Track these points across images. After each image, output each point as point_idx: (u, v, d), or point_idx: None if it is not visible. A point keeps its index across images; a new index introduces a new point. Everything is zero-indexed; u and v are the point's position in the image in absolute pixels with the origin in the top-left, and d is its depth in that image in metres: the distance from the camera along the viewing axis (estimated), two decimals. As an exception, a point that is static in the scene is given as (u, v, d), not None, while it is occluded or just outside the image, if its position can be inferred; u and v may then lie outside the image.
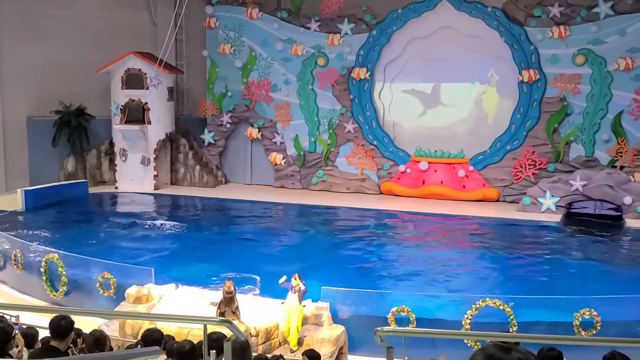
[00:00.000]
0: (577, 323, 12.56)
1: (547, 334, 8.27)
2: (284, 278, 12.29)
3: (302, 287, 12.06)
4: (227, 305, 11.70)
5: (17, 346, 6.54)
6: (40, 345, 6.48)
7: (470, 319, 12.66)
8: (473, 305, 12.72)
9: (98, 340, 5.51)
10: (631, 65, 22.18)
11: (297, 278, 12.09)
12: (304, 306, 12.18)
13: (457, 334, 8.58)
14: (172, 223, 21.82)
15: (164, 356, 6.52)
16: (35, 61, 24.86)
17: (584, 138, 23.00)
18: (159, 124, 25.60)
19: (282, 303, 12.21)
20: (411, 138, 25.26)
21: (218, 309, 11.63)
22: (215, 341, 5.11)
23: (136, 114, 25.30)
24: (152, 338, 5.95)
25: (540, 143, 23.40)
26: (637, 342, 5.62)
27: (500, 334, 5.31)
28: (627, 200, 21.25)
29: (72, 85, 25.18)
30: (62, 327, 5.40)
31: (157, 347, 3.70)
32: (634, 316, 12.67)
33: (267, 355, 9.71)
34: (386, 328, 5.01)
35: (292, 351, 11.68)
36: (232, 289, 11.75)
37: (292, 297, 11.98)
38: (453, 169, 24.33)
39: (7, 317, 8.50)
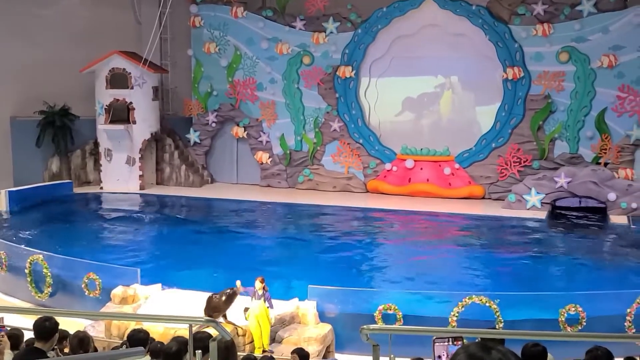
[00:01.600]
0: (563, 319, 12.65)
1: (532, 330, 8.30)
2: (239, 283, 12.05)
3: (267, 294, 11.86)
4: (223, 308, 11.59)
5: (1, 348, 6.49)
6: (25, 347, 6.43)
7: (456, 316, 12.71)
8: (459, 303, 12.76)
9: (82, 341, 5.47)
10: (614, 63, 22.34)
11: (262, 281, 11.90)
12: (268, 307, 11.95)
13: (443, 332, 8.58)
14: (158, 223, 21.75)
15: (149, 357, 6.50)
16: (18, 61, 24.64)
17: (568, 135, 23.14)
18: (144, 124, 25.46)
19: (246, 310, 11.97)
20: (397, 136, 25.29)
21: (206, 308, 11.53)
22: (199, 341, 5.09)
23: (121, 114, 25.15)
24: (138, 338, 5.93)
25: (525, 140, 23.52)
26: (618, 338, 5.66)
27: (485, 330, 5.34)
28: (612, 196, 21.41)
29: (56, 85, 24.97)
30: (46, 328, 5.36)
31: (142, 348, 3.67)
32: (619, 311, 12.77)
33: (254, 354, 9.70)
34: (372, 326, 5.03)
35: (265, 351, 11.60)
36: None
37: (255, 303, 11.82)
38: (439, 166, 24.40)
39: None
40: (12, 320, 9.94)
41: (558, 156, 23.22)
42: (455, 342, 2.74)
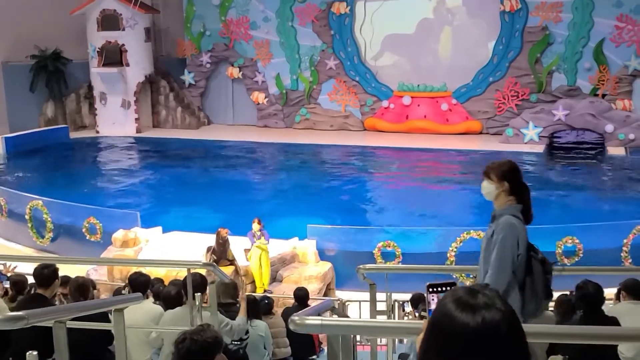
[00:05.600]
0: (560, 251, 12.80)
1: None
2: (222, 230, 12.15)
3: (264, 231, 12.01)
4: (221, 254, 11.72)
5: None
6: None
7: (455, 251, 12.87)
8: (457, 238, 12.91)
9: (81, 287, 5.53)
10: (613, -8, 21.97)
11: (259, 222, 12.03)
12: (267, 243, 12.11)
13: (438, 269, 8.71)
14: (155, 166, 21.76)
15: (151, 299, 6.59)
16: (6, 3, 24.13)
17: (566, 67, 22.92)
18: (138, 66, 25.16)
19: (246, 251, 12.15)
20: (394, 73, 25.05)
21: (210, 257, 11.64)
22: (194, 282, 5.16)
23: (114, 56, 24.85)
24: (139, 282, 6.00)
25: (523, 74, 23.31)
26: (611, 271, 5.73)
27: (475, 267, 5.39)
28: (609, 128, 21.38)
29: (47, 28, 24.54)
30: (44, 275, 5.42)
31: (140, 294, 3.72)
32: (615, 243, 12.92)
33: (254, 294, 9.84)
34: (368, 266, 5.09)
35: (266, 291, 11.78)
36: (227, 237, 11.76)
37: (257, 242, 11.97)
38: (436, 102, 24.25)
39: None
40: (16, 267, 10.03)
41: (556, 89, 23.05)
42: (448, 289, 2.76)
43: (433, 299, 2.64)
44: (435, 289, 2.66)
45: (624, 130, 21.34)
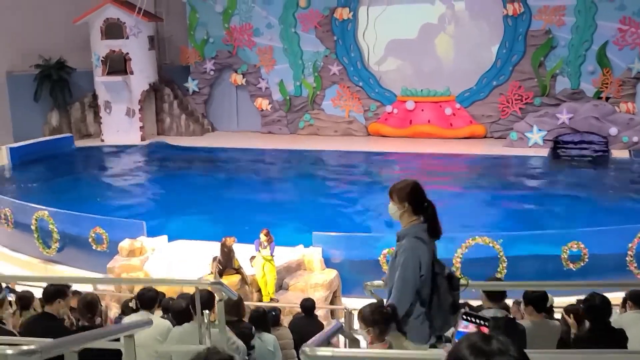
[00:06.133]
0: (565, 256, 12.78)
1: (534, 281, 8.44)
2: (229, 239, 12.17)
3: (272, 244, 12.00)
4: (227, 262, 11.75)
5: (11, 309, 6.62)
6: (34, 310, 6.55)
7: (460, 257, 12.85)
8: (463, 244, 12.88)
9: (90, 304, 5.56)
10: (616, -5, 21.97)
11: (268, 234, 12.03)
12: (273, 256, 12.10)
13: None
14: (160, 174, 21.81)
15: (160, 312, 6.62)
16: (10, 14, 24.23)
17: (569, 70, 22.93)
18: (142, 74, 25.25)
19: (252, 259, 12.16)
20: (397, 78, 25.09)
21: (216, 266, 11.67)
22: (207, 299, 5.19)
23: (118, 65, 24.95)
24: (147, 297, 6.02)
25: (526, 77, 23.32)
26: (618, 285, 5.75)
27: (489, 283, 5.41)
28: (613, 131, 21.36)
29: (50, 37, 24.66)
30: (49, 292, 5.44)
31: (150, 319, 3.75)
32: (620, 248, 12.89)
33: (262, 304, 9.86)
34: (375, 282, 5.11)
35: (272, 300, 11.78)
36: (232, 246, 11.76)
37: (262, 252, 11.98)
38: (440, 107, 24.27)
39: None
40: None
41: (559, 92, 23.06)
42: (482, 323, 2.79)
43: (466, 327, 2.68)
44: (469, 318, 2.71)
45: (628, 133, 21.32)
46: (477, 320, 2.71)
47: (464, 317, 2.74)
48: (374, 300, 4.50)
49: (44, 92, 25.34)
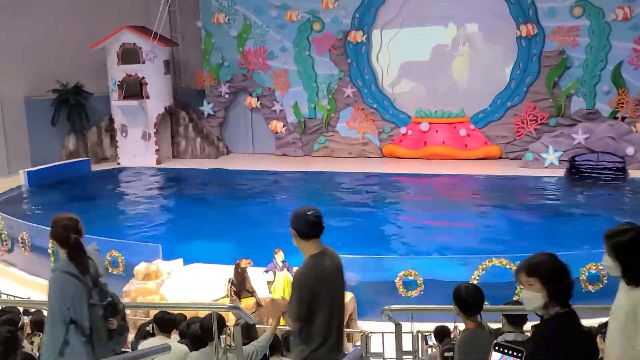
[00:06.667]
0: (584, 278, 12.65)
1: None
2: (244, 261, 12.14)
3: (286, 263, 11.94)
4: (241, 285, 11.73)
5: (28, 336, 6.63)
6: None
7: (477, 279, 12.75)
8: (480, 266, 12.81)
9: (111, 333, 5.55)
10: (629, 15, 21.94)
11: (279, 250, 11.96)
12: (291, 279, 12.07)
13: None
14: (176, 197, 21.88)
15: (177, 337, 6.60)
16: (27, 40, 24.53)
17: (584, 90, 22.86)
18: (158, 98, 25.48)
19: (269, 284, 12.11)
20: (411, 99, 25.13)
21: (230, 289, 11.65)
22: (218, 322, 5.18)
23: (134, 89, 25.19)
24: (166, 320, 6.02)
25: (541, 98, 23.27)
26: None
27: (507, 307, 5.36)
28: (630, 151, 21.23)
29: (67, 63, 24.95)
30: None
31: (168, 345, 3.75)
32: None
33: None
34: (393, 307, 5.09)
35: None
36: (246, 268, 11.76)
37: (279, 275, 11.94)
38: (454, 128, 24.25)
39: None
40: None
41: (575, 112, 22.98)
42: (515, 354, 2.72)
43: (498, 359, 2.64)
44: (502, 349, 2.66)
45: (645, 152, 21.17)
46: (511, 352, 2.66)
47: (496, 348, 2.69)
48: (391, 325, 4.48)
49: (62, 117, 25.61)
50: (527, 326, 7.26)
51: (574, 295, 3.70)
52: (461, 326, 7.90)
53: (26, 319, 7.40)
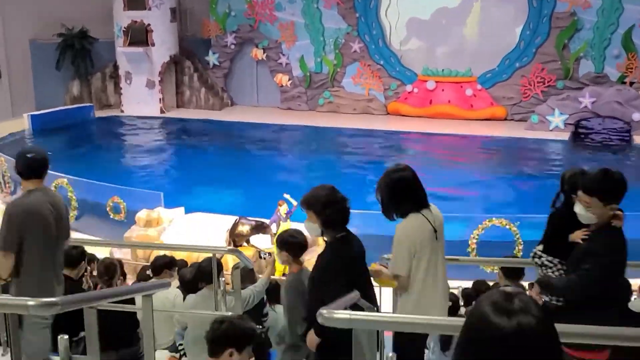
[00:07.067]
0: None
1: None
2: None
3: (289, 209, 11.96)
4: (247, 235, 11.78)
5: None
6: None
7: (476, 239, 12.81)
8: (479, 225, 12.84)
9: (108, 268, 5.62)
10: (645, -22, 21.58)
11: (284, 202, 12.02)
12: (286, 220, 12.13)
13: (465, 260, 8.75)
14: (179, 147, 21.89)
15: (177, 282, 6.66)
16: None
17: (593, 54, 22.61)
18: (163, 46, 25.25)
19: (273, 235, 12.19)
20: (418, 57, 24.89)
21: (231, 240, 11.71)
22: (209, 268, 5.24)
23: (139, 36, 24.95)
24: (158, 264, 6.07)
25: (550, 60, 23.03)
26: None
27: (503, 259, 5.39)
28: (636, 116, 21.09)
29: (74, 7, 24.68)
30: (72, 256, 5.51)
31: (168, 281, 3.79)
32: (638, 233, 12.76)
33: (275, 277, 9.90)
34: (387, 255, 5.12)
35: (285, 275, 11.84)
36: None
37: (282, 226, 12.01)
38: (461, 87, 24.08)
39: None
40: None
41: (583, 76, 22.77)
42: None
43: None
44: None
45: (652, 119, 21.05)
46: None
47: None
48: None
49: (66, 61, 25.43)
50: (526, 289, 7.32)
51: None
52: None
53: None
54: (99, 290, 3.51)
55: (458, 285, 8.55)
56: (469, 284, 8.37)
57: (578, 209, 4.16)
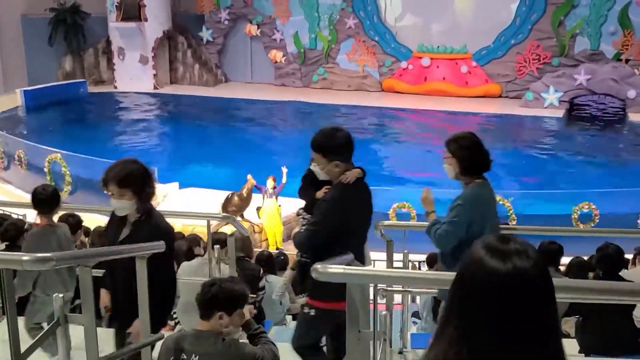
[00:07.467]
0: (576, 216, 12.75)
1: (545, 226, 8.40)
2: (249, 176, 12.25)
3: (279, 185, 12.02)
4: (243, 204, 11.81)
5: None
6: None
7: (470, 214, 12.82)
8: (473, 201, 12.84)
9: (101, 237, 5.61)
10: (642, -46, 21.45)
11: (274, 180, 12.08)
12: (280, 206, 12.18)
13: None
14: (173, 123, 21.81)
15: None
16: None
17: (589, 31, 22.52)
18: (156, 21, 25.01)
19: (258, 209, 12.24)
20: (413, 33, 24.74)
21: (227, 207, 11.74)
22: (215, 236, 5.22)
23: (132, 11, 24.71)
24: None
25: (545, 37, 22.94)
26: (631, 233, 5.71)
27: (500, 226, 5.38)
28: (631, 94, 21.07)
29: (65, -19, 24.47)
30: (70, 224, 5.50)
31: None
32: (632, 209, 12.83)
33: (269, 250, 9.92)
34: (386, 222, 5.13)
35: (279, 249, 11.90)
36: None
37: (268, 201, 12.04)
38: (455, 64, 23.98)
39: (14, 216, 8.64)
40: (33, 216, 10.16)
41: (578, 53, 22.70)
42: None
43: None
44: None
45: (646, 96, 21.05)
46: None
47: None
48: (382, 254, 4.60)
49: (59, 37, 25.22)
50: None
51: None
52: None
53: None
54: (94, 249, 3.50)
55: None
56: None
57: (312, 165, 4.36)
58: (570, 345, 5.10)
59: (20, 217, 8.24)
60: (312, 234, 4.22)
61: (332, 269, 2.55)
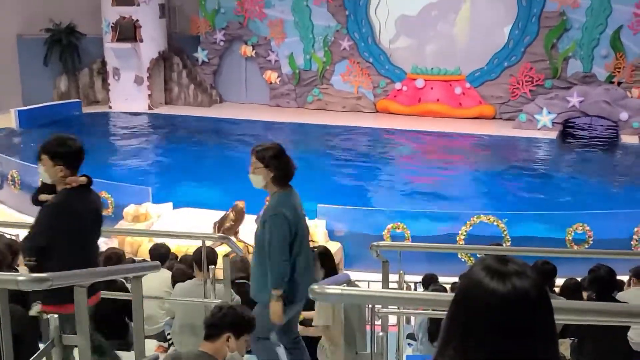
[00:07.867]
0: (570, 238, 12.76)
1: (540, 247, 8.41)
2: (240, 203, 12.26)
3: None
4: (233, 227, 11.77)
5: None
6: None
7: (464, 235, 12.85)
8: (467, 222, 12.87)
9: (108, 259, 5.57)
10: (633, -22, 21.71)
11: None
12: None
13: (451, 248, 8.75)
14: (167, 143, 21.80)
15: (169, 273, 6.63)
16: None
17: (582, 53, 22.73)
18: (152, 42, 25.13)
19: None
20: (407, 55, 24.92)
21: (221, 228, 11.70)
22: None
23: (128, 32, 24.82)
24: (159, 253, 6.04)
25: (538, 59, 23.13)
26: (625, 254, 5.73)
27: (493, 247, 5.40)
28: (624, 116, 21.23)
29: (61, 2, 24.54)
30: None
31: (159, 263, 3.76)
32: (625, 232, 12.86)
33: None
34: (382, 243, 5.13)
35: None
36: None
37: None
38: (449, 86, 24.14)
39: (7, 236, 8.60)
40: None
41: (571, 75, 22.88)
42: None
43: None
44: None
45: (639, 118, 21.19)
46: None
47: None
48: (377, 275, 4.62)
49: (54, 57, 25.29)
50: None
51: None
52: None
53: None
54: (90, 269, 3.50)
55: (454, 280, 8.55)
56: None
57: (40, 168, 4.49)
58: (566, 367, 5.09)
59: (14, 238, 8.20)
60: (32, 236, 4.34)
61: (329, 290, 2.55)
